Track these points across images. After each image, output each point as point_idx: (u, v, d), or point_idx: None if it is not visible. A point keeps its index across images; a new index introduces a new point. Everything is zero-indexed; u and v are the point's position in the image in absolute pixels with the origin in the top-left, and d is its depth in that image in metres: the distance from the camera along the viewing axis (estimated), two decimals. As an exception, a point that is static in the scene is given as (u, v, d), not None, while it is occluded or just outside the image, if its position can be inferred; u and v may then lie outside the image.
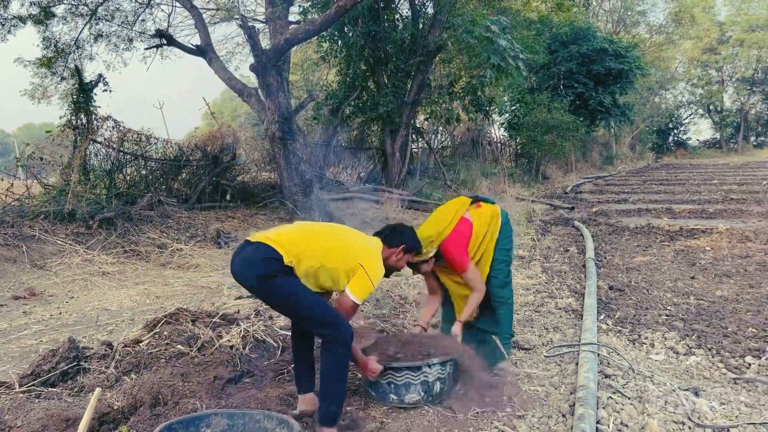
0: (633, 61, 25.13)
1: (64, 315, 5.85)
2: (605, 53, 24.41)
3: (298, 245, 3.10)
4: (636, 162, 35.85)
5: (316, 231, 3.31)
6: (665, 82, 45.87)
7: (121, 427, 2.92)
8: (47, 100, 14.02)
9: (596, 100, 24.90)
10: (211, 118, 17.26)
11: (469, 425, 3.15)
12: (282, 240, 3.10)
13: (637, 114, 34.84)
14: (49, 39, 13.30)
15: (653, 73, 38.26)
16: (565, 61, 24.49)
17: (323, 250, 3.13)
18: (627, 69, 24.75)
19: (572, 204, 14.87)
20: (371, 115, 14.98)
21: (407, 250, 3.46)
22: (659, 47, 41.88)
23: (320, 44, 15.20)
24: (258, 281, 3.01)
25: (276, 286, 3.02)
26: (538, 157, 22.52)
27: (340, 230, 3.34)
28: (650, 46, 40.93)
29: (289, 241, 3.11)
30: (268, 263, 3.01)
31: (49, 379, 3.52)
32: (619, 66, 24.47)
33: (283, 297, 3.05)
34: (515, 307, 5.38)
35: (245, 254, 3.10)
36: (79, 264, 7.91)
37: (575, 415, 3.02)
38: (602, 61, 24.37)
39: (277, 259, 3.02)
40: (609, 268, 7.26)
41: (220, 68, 11.87)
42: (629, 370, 3.77)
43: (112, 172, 10.69)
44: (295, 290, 3.04)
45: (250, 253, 3.09)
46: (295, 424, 2.58)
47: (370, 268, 3.13)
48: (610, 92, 25.40)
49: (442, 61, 16.19)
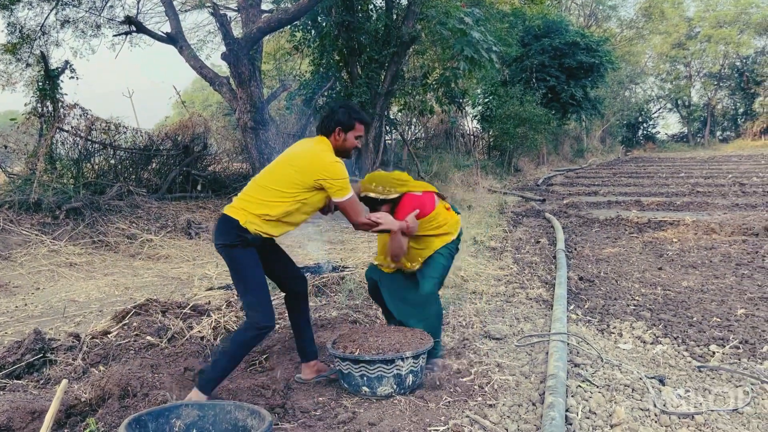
0: (604, 55, 25.42)
1: (30, 306, 5.73)
2: (577, 47, 24.65)
3: (250, 200, 3.26)
4: (606, 155, 36.40)
5: (263, 174, 3.41)
6: (635, 76, 46.54)
7: (88, 419, 2.87)
8: (12, 87, 13.66)
9: (568, 93, 25.15)
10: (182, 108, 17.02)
11: (440, 414, 3.17)
12: (239, 203, 3.28)
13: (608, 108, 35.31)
14: (14, 24, 12.93)
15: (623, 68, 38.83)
16: (538, 54, 24.67)
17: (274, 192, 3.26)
18: (598, 63, 25.04)
19: (543, 196, 15.03)
20: (345, 105, 14.92)
21: (345, 130, 3.43)
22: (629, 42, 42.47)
23: (293, 33, 15.07)
24: (218, 249, 3.27)
25: (231, 257, 3.24)
26: (510, 149, 22.69)
27: (282, 159, 3.42)
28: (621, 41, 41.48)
29: (245, 200, 3.28)
30: (226, 232, 3.22)
31: (14, 371, 3.45)
32: (590, 60, 24.74)
33: (233, 269, 3.27)
34: (486, 298, 5.44)
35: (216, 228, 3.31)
36: (45, 255, 7.75)
37: (545, 403, 3.06)
38: (574, 55, 24.60)
39: (234, 225, 3.18)
40: (579, 259, 7.37)
41: (191, 57, 11.70)
42: (598, 359, 3.83)
43: (79, 161, 10.47)
44: (244, 266, 3.23)
45: (218, 225, 3.30)
46: (267, 414, 2.56)
47: (327, 173, 3.24)
48: (582, 86, 25.68)
49: (415, 53, 16.19)
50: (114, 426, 2.93)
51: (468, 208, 12.23)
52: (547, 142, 26.58)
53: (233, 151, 14.54)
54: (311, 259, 7.28)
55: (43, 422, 2.62)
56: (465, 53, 11.99)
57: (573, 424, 3.00)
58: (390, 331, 3.73)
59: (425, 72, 16.26)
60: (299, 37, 14.92)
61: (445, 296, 5.28)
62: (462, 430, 2.98)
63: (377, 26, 14.60)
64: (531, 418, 3.08)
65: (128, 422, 2.46)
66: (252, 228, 3.20)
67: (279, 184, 3.25)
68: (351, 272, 5.93)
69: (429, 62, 16.56)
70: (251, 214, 3.21)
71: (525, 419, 3.09)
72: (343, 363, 3.43)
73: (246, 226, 3.19)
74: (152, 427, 2.56)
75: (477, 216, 10.92)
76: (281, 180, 3.26)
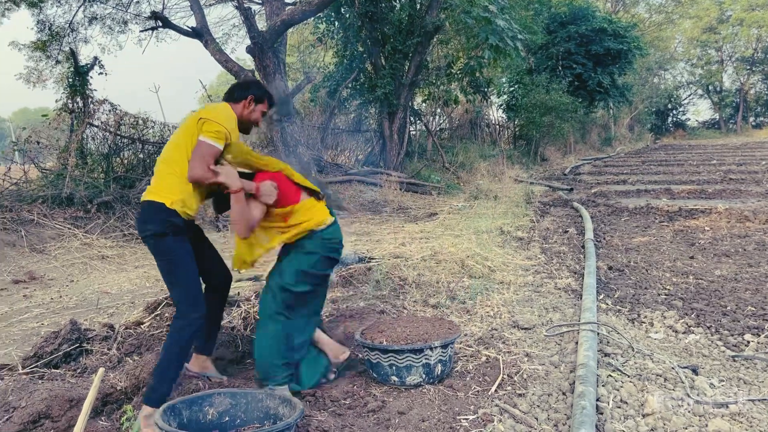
0: (632, 41, 24.99)
1: (65, 298, 5.86)
2: (604, 33, 24.26)
3: (163, 177, 3.06)
4: (635, 143, 35.81)
5: (164, 150, 3.18)
6: (664, 62, 45.69)
7: (125, 406, 2.93)
8: (42, 83, 13.93)
9: (595, 80, 24.79)
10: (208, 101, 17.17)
11: (470, 403, 3.17)
12: (156, 186, 3.05)
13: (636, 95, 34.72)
14: (44, 22, 13.18)
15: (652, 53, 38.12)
16: (564, 42, 24.34)
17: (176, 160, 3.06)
18: (626, 49, 24.62)
19: (571, 185, 14.87)
20: (369, 97, 14.91)
21: (257, 100, 3.28)
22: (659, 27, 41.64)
23: (317, 25, 15.09)
24: (146, 239, 3.03)
25: (163, 248, 3.02)
26: (536, 138, 22.47)
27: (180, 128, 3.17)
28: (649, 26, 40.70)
29: (159, 181, 3.06)
30: (153, 219, 3.00)
31: (52, 360, 3.53)
32: (618, 46, 24.33)
33: (165, 260, 3.04)
34: (514, 288, 5.41)
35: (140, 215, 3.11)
36: (78, 248, 7.91)
37: (575, 392, 3.04)
38: (601, 42, 24.22)
39: (161, 209, 2.98)
40: (608, 249, 7.28)
41: (217, 51, 11.77)
42: (629, 349, 3.79)
43: (109, 155, 10.64)
44: (177, 256, 3.02)
45: (141, 212, 3.09)
46: (298, 402, 2.59)
47: (212, 114, 3.05)
48: (609, 73, 25.28)
49: (440, 42, 16.09)
50: (149, 414, 2.99)
51: (494, 198, 12.16)
52: (573, 131, 26.25)
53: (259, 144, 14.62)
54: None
55: (80, 410, 2.69)
56: (490, 42, 11.88)
57: (604, 413, 2.97)
58: (418, 320, 3.74)
59: (449, 62, 16.16)
60: (323, 28, 14.94)
61: (472, 286, 5.27)
62: (491, 419, 2.98)
63: (401, 16, 14.54)
64: (561, 408, 3.06)
65: (163, 410, 2.50)
66: (179, 208, 3.00)
67: (178, 149, 3.07)
68: (377, 263, 5.94)
69: (453, 52, 16.45)
70: (171, 192, 3.01)
71: (555, 408, 3.07)
72: (372, 353, 3.45)
73: (173, 207, 2.98)
74: (186, 415, 2.60)
75: (503, 206, 10.85)
76: (179, 144, 3.08)
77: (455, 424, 2.94)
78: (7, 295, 6.07)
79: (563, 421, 2.93)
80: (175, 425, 2.51)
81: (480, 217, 9.44)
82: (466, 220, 9.38)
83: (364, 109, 16.63)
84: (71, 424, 2.76)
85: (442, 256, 6.28)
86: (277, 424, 2.53)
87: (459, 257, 6.18)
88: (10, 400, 2.88)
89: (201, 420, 2.66)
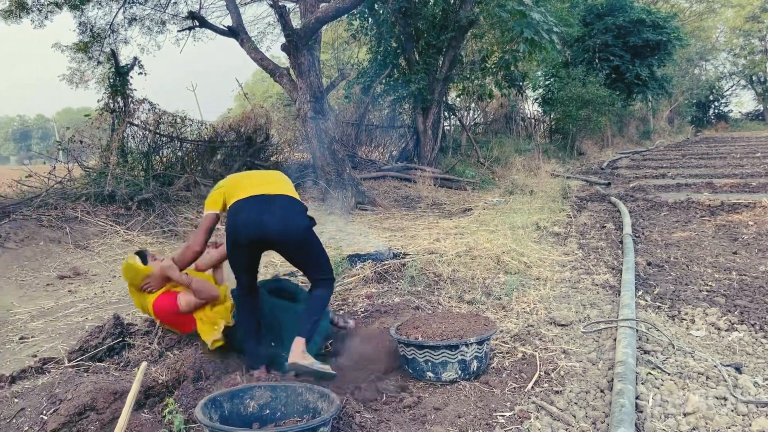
0: (672, 31, 24.38)
1: (108, 293, 6.02)
2: (642, 24, 23.72)
3: (287, 181, 3.65)
4: (674, 136, 34.95)
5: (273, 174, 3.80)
6: (705, 52, 44.43)
7: (167, 399, 3.00)
8: (85, 84, 14.29)
9: (633, 72, 24.27)
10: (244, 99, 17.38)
11: (506, 400, 3.16)
12: (288, 186, 3.60)
13: (676, 86, 33.87)
14: (85, 24, 13.51)
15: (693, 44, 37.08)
16: (601, 34, 23.89)
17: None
18: (665, 40, 24.03)
19: (608, 180, 14.62)
20: (403, 92, 14.89)
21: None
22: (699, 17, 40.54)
23: (351, 22, 15.12)
24: (306, 232, 3.41)
25: (313, 236, 3.48)
26: (573, 132, 22.15)
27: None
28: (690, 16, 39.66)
29: (289, 186, 3.63)
30: (303, 213, 3.46)
31: (96, 354, 3.64)
32: (657, 37, 23.77)
33: (317, 244, 3.50)
34: (551, 284, 5.36)
35: (283, 210, 3.39)
36: (119, 244, 8.10)
37: (614, 390, 3.00)
38: (639, 33, 23.69)
39: (304, 208, 3.50)
40: (647, 244, 7.15)
41: (252, 49, 11.90)
42: (669, 346, 3.72)
43: (149, 154, 10.87)
44: (318, 240, 3.54)
45: (288, 206, 3.44)
46: (335, 397, 2.62)
47: None
48: (648, 64, 24.71)
49: (474, 37, 15.96)
50: (190, 407, 3.06)
51: (530, 193, 12.04)
52: (611, 124, 25.78)
53: (294, 141, 14.75)
54: (372, 246, 7.33)
55: (124, 402, 2.76)
56: (525, 35, 11.74)
57: (644, 411, 2.93)
58: (453, 316, 3.74)
59: (484, 56, 16.03)
60: (357, 25, 14.97)
61: (508, 282, 5.24)
62: (528, 416, 2.96)
63: (434, 11, 14.47)
64: (599, 405, 3.03)
65: (204, 403, 2.56)
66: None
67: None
68: (412, 259, 5.95)
69: (488, 46, 16.30)
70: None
71: (593, 406, 3.04)
72: (408, 348, 3.46)
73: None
74: (227, 408, 2.66)
75: (539, 201, 10.73)
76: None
77: (491, 421, 2.94)
78: (53, 290, 6.26)
79: (601, 419, 2.90)
80: (216, 417, 2.56)
81: (515, 213, 9.36)
82: (502, 215, 9.31)
83: (398, 105, 16.61)
84: (115, 417, 2.84)
85: (477, 252, 6.26)
86: (315, 418, 2.57)
87: (494, 253, 6.15)
88: (57, 392, 2.98)
89: (242, 413, 2.71)
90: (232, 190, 3.52)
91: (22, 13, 12.64)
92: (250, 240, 3.32)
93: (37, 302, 5.78)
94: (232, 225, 3.35)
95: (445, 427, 2.92)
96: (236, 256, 3.46)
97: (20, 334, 4.73)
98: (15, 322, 5.13)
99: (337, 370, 3.43)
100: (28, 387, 3.10)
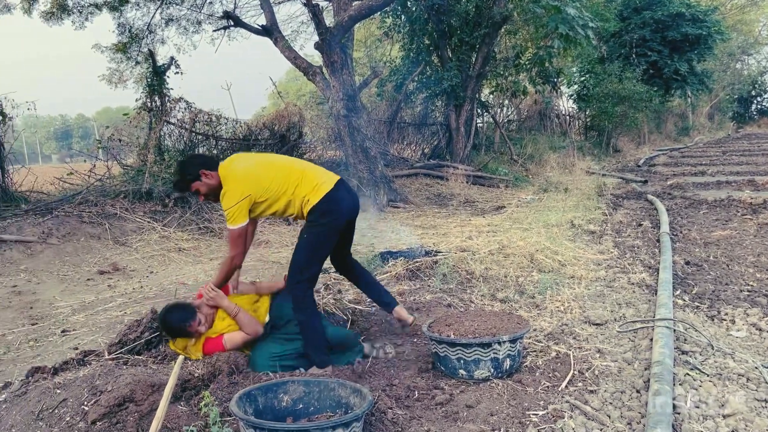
0: (712, 25, 23.78)
1: (145, 288, 6.15)
2: (682, 18, 23.19)
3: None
4: (714, 132, 34.12)
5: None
6: (748, 46, 43.19)
7: (203, 392, 3.06)
8: (123, 84, 14.62)
9: (671, 68, 23.74)
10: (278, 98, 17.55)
11: (539, 398, 3.14)
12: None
13: (717, 82, 33.02)
14: (124, 25, 13.82)
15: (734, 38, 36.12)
16: (638, 28, 23.43)
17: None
18: (705, 34, 23.45)
19: (645, 177, 14.36)
20: (435, 90, 14.85)
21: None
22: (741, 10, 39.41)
23: (383, 20, 15.14)
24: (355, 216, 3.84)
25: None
26: (608, 129, 21.80)
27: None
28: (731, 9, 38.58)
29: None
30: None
31: (134, 347, 3.72)
32: (696, 31, 23.21)
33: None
34: (585, 282, 5.29)
35: (353, 193, 3.78)
36: (157, 240, 8.27)
37: (650, 390, 2.95)
38: (678, 27, 23.17)
39: None
40: (685, 243, 7.00)
41: (286, 48, 12.00)
42: (708, 347, 3.64)
43: (185, 152, 11.05)
44: None
45: (354, 192, 3.83)
46: (368, 393, 2.63)
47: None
48: (687, 59, 24.14)
49: (507, 33, 15.82)
50: (225, 400, 3.11)
51: (564, 190, 11.89)
52: (648, 121, 25.30)
53: (327, 139, 14.84)
54: (404, 243, 7.34)
55: (161, 394, 2.82)
56: (560, 31, 11.58)
57: (681, 412, 2.87)
58: (486, 314, 3.72)
59: (518, 52, 15.87)
60: (389, 23, 14.97)
61: (541, 281, 5.19)
62: (562, 415, 2.93)
63: (468, 8, 14.38)
64: (635, 405, 2.98)
65: (239, 396, 2.60)
66: None
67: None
68: (444, 256, 5.94)
69: (521, 42, 16.14)
70: None
71: (629, 406, 2.99)
72: (440, 346, 3.46)
73: None
74: (261, 401, 2.70)
75: (574, 199, 10.59)
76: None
77: (524, 419, 2.92)
78: (93, 285, 6.43)
79: (637, 419, 2.85)
80: (251, 411, 2.60)
81: (549, 210, 9.25)
82: (535, 213, 9.21)
83: (431, 102, 16.57)
84: (153, 408, 2.90)
85: (510, 250, 6.21)
86: (348, 413, 2.59)
87: (528, 251, 6.10)
88: (98, 384, 3.05)
89: (276, 407, 2.75)
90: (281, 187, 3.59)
91: (63, 15, 12.98)
92: (347, 221, 3.73)
93: (78, 296, 5.94)
94: (337, 210, 3.58)
95: (477, 424, 2.91)
96: (331, 242, 3.66)
97: (62, 327, 4.87)
98: (57, 316, 5.28)
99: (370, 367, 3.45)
100: (70, 378, 3.18)
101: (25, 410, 2.95)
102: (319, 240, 3.57)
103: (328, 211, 3.54)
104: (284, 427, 2.28)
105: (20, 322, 5.12)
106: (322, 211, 3.53)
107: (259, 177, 3.56)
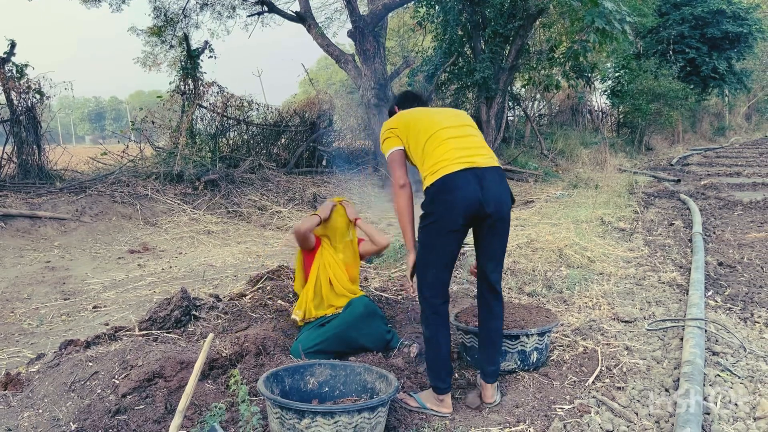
0: (754, 23, 23.15)
1: (174, 269, 6.24)
2: (722, 15, 22.63)
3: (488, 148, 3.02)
4: (752, 133, 33.29)
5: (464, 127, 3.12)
6: (789, 46, 42.00)
7: (232, 370, 3.10)
8: (157, 67, 14.77)
9: (710, 66, 23.19)
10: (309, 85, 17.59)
11: (565, 393, 3.11)
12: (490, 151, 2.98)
13: (756, 81, 32.17)
14: (159, 9, 13.95)
15: (776, 37, 35.13)
16: (677, 25, 22.93)
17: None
18: (746, 32, 22.85)
19: (678, 176, 14.08)
20: (467, 81, 14.71)
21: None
22: (784, 8, 38.31)
23: (417, 9, 15.01)
24: (509, 213, 2.91)
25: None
26: (642, 126, 21.41)
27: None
28: (774, 7, 37.52)
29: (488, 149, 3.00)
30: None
31: (164, 325, 3.78)
32: (737, 29, 22.63)
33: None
34: (615, 280, 5.22)
35: (502, 185, 2.88)
36: (186, 222, 8.38)
37: (679, 390, 2.91)
38: (718, 24, 22.61)
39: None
40: (718, 244, 6.85)
41: (319, 35, 12.02)
42: (740, 349, 3.57)
43: (216, 135, 11.17)
44: None
45: (503, 182, 2.89)
46: (393, 378, 2.64)
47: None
48: (726, 57, 23.55)
49: (542, 26, 15.60)
50: (252, 380, 3.15)
51: (595, 187, 11.74)
52: (683, 119, 24.79)
53: (356, 128, 14.84)
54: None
55: (190, 371, 2.87)
56: (596, 25, 11.36)
57: (711, 413, 2.83)
58: (514, 307, 3.70)
59: (552, 45, 15.63)
60: (423, 12, 14.84)
61: (570, 276, 5.14)
62: (588, 410, 2.90)
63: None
64: (663, 404, 2.94)
65: (266, 376, 2.63)
66: None
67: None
68: (470, 248, 5.91)
69: (556, 35, 15.89)
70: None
71: (657, 405, 2.95)
72: (467, 336, 3.45)
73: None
74: (288, 383, 2.72)
75: (605, 196, 10.45)
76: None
77: (550, 413, 2.90)
78: (124, 264, 6.54)
79: (665, 418, 2.81)
80: (278, 391, 2.63)
81: (579, 206, 9.15)
82: (565, 208, 9.11)
83: (462, 94, 16.42)
84: (182, 385, 2.95)
85: (539, 245, 6.16)
86: (373, 398, 2.60)
87: (556, 246, 6.03)
88: (129, 359, 3.12)
89: (302, 389, 2.77)
90: (417, 146, 2.95)
91: (101, -2, 13.15)
92: (465, 218, 2.77)
93: (109, 274, 6.05)
94: (447, 201, 2.76)
95: (502, 415, 2.90)
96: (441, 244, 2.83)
97: (93, 303, 4.97)
98: (89, 292, 5.39)
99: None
100: (102, 352, 3.25)
101: (58, 381, 3.02)
102: (427, 238, 2.84)
103: (434, 201, 2.79)
104: (310, 408, 2.30)
105: (53, 297, 5.24)
106: (430, 197, 2.81)
107: (407, 121, 3.04)
